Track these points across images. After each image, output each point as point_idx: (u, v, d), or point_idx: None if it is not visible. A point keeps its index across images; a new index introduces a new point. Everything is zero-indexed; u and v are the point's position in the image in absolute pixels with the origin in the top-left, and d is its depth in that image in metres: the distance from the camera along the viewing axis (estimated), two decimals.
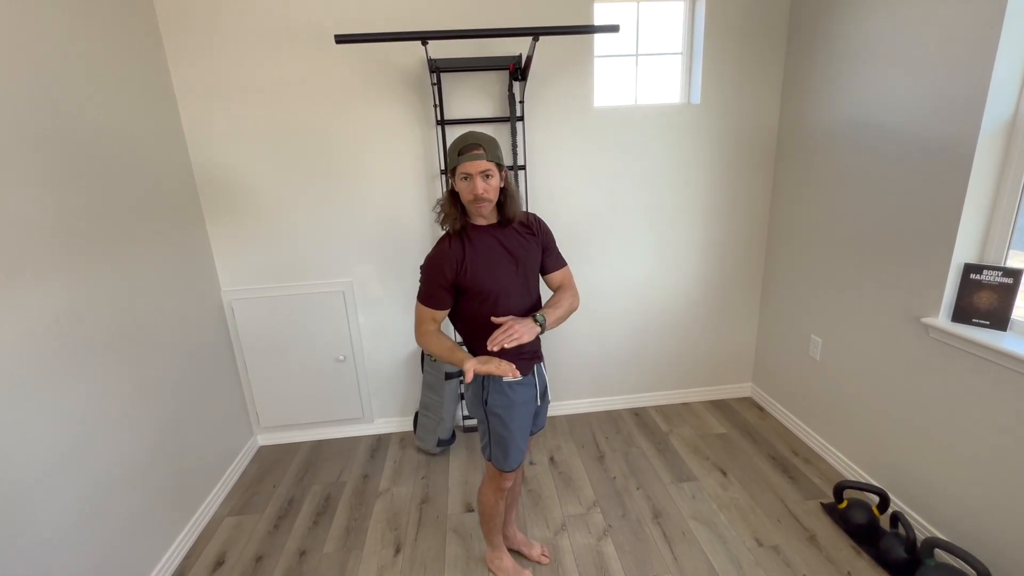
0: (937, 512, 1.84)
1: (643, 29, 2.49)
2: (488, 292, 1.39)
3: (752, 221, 2.73)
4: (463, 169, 1.29)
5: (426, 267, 1.41)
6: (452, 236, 1.39)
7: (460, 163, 1.29)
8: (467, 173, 1.29)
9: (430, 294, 1.39)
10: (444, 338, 1.40)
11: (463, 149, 1.29)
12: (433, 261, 1.38)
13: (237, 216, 2.40)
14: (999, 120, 1.58)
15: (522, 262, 1.44)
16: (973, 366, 1.67)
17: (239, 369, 2.58)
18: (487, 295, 1.39)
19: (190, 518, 2.07)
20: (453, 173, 1.33)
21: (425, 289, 1.40)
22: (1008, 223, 1.64)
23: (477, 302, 1.40)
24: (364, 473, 2.47)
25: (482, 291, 1.39)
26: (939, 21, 1.69)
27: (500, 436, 1.50)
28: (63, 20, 1.60)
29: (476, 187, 1.29)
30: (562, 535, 2.01)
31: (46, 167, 1.49)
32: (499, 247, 1.41)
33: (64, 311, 1.51)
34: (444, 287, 1.38)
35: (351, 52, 2.24)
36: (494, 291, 1.39)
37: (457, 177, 1.31)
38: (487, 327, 1.37)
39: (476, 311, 1.41)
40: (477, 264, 1.37)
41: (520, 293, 1.45)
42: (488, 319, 1.38)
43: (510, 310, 1.41)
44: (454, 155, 1.31)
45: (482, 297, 1.39)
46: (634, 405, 2.97)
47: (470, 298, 1.40)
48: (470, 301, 1.41)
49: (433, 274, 1.38)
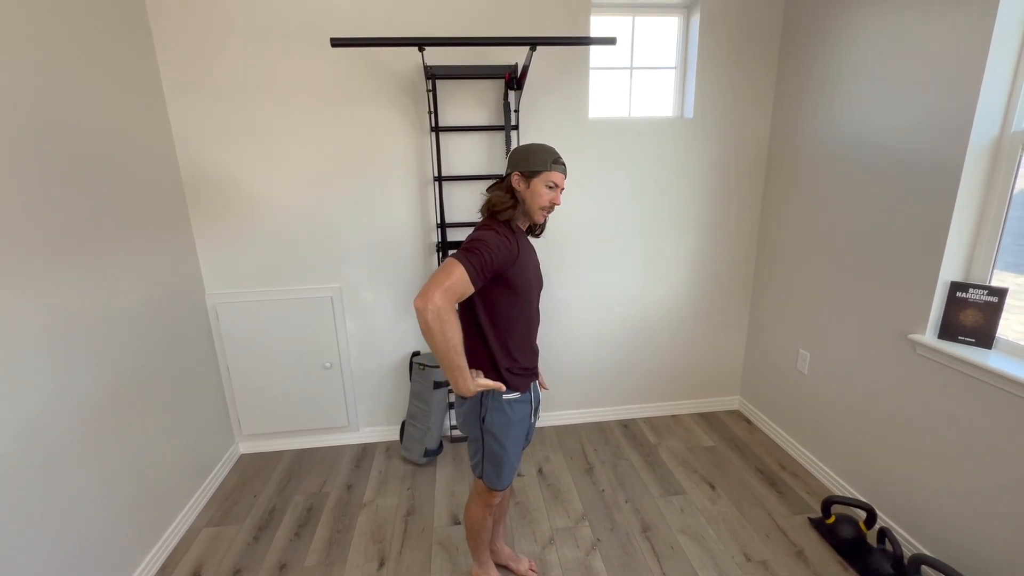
0: (924, 528, 1.85)
1: (638, 43, 2.52)
2: (525, 290, 1.40)
3: (742, 235, 2.75)
4: (553, 178, 1.36)
5: (491, 241, 1.28)
6: (506, 225, 1.38)
7: (554, 170, 1.36)
8: (555, 183, 1.37)
9: (484, 267, 1.25)
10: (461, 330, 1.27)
11: (557, 159, 1.37)
12: (500, 240, 1.29)
13: (224, 218, 2.35)
14: (986, 140, 1.62)
15: (539, 271, 1.52)
16: (959, 383, 1.69)
17: (222, 375, 2.52)
18: (523, 293, 1.40)
19: (166, 528, 2.00)
20: (532, 175, 1.36)
21: (482, 260, 1.24)
22: (993, 242, 1.67)
23: (512, 298, 1.38)
24: (348, 483, 2.41)
25: (521, 289, 1.39)
26: (928, 42, 1.72)
27: (494, 454, 1.47)
28: (48, 15, 1.56)
29: (557, 197, 1.39)
30: (550, 549, 1.98)
31: (25, 164, 1.44)
32: (532, 252, 1.47)
33: (39, 313, 1.46)
34: (495, 270, 1.29)
35: (346, 55, 2.22)
36: (528, 290, 1.42)
37: (542, 181, 1.36)
38: (513, 324, 1.41)
39: (507, 307, 1.39)
40: (524, 261, 1.38)
41: (539, 297, 1.52)
42: (517, 316, 1.41)
43: (532, 312, 1.47)
44: (546, 161, 1.35)
45: (519, 294, 1.39)
46: (623, 417, 2.96)
47: (507, 292, 1.37)
48: (505, 295, 1.37)
49: (496, 252, 1.27)
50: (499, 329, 1.40)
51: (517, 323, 1.42)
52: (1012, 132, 1.59)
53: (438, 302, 1.18)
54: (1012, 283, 1.65)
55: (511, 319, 1.41)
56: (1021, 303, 1.64)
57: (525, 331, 1.46)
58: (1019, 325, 1.64)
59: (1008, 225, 1.64)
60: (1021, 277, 1.63)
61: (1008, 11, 1.50)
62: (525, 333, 1.46)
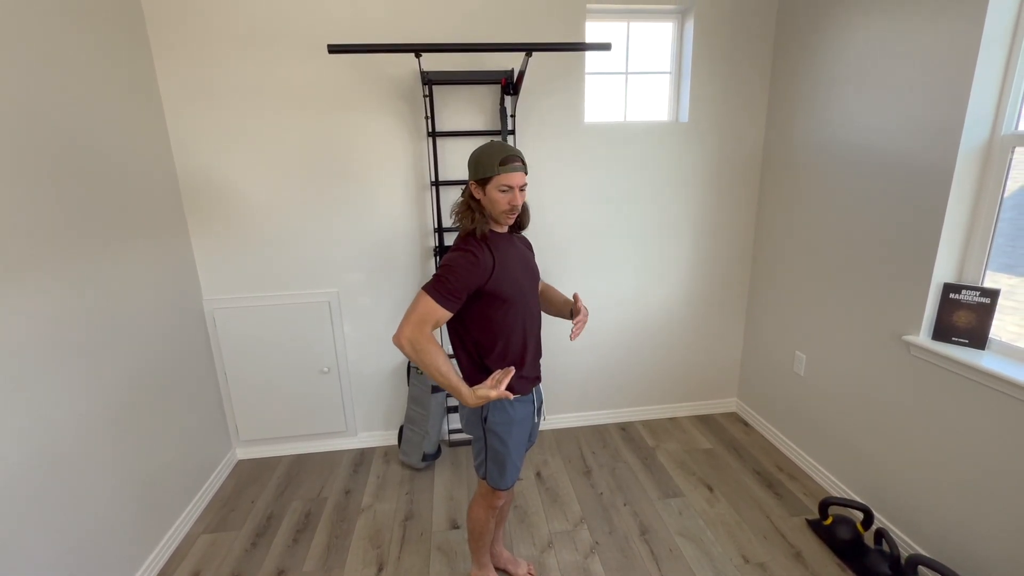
0: (920, 529, 1.86)
1: (633, 48, 2.54)
2: (511, 298, 1.38)
3: (737, 238, 2.77)
4: (505, 180, 1.29)
5: (456, 266, 1.29)
6: (480, 241, 1.34)
7: (502, 173, 1.29)
8: (508, 185, 1.30)
9: (452, 293, 1.28)
10: (443, 353, 1.29)
11: (504, 160, 1.29)
12: (466, 263, 1.30)
13: (222, 223, 2.36)
14: (976, 143, 1.64)
15: (530, 268, 1.51)
16: (953, 384, 1.70)
17: (219, 380, 2.51)
18: (512, 298, 1.39)
19: (163, 535, 1.99)
20: (486, 182, 1.31)
21: (448, 287, 1.27)
22: (985, 244, 1.69)
23: (498, 308, 1.37)
24: (346, 488, 2.41)
25: (507, 297, 1.37)
26: (918, 47, 1.75)
27: (497, 453, 1.48)
28: (45, 22, 1.57)
29: (516, 198, 1.32)
30: (549, 553, 1.98)
31: (21, 171, 1.44)
32: (517, 254, 1.45)
33: (37, 316, 1.46)
34: (468, 290, 1.31)
35: (343, 61, 2.23)
36: (516, 296, 1.40)
37: (494, 186, 1.31)
38: (504, 334, 1.40)
39: (495, 317, 1.38)
40: (504, 270, 1.36)
41: (534, 298, 1.51)
42: (508, 325, 1.40)
43: (528, 314, 1.46)
44: (492, 164, 1.29)
45: (508, 299, 1.38)
46: (621, 420, 2.97)
47: (491, 303, 1.36)
48: (489, 307, 1.37)
49: (463, 275, 1.29)
50: (483, 330, 1.40)
51: (514, 331, 1.42)
52: (1002, 135, 1.61)
53: (408, 334, 1.25)
54: (1005, 284, 1.66)
55: (506, 326, 1.40)
56: (1014, 304, 1.65)
57: (522, 337, 1.45)
58: (1013, 326, 1.65)
59: (1000, 227, 1.66)
60: (1014, 278, 1.65)
61: (996, 17, 1.53)
62: (523, 339, 1.45)
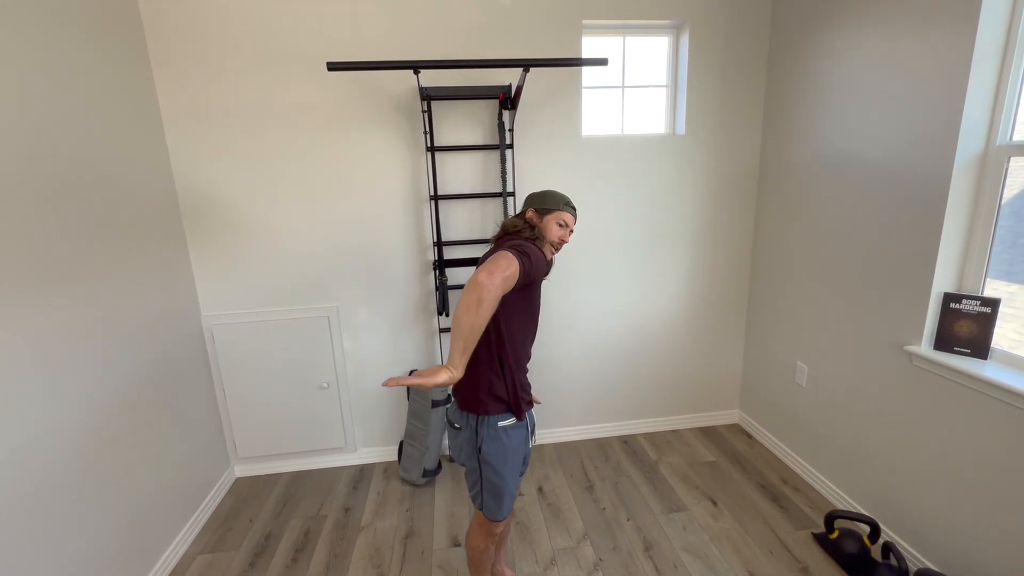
0: (928, 542, 1.84)
1: (629, 62, 2.57)
2: (536, 302, 1.47)
3: (736, 249, 2.77)
4: (565, 217, 1.49)
5: (531, 252, 1.30)
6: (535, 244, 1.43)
7: (565, 211, 1.49)
8: (565, 222, 1.49)
9: (527, 271, 1.24)
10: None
11: (569, 203, 1.51)
12: (537, 252, 1.33)
13: (220, 239, 2.36)
14: (972, 153, 1.65)
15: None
16: (956, 394, 1.69)
17: (217, 396, 2.49)
18: (535, 304, 1.47)
19: (160, 555, 1.96)
20: (546, 212, 1.48)
21: (527, 262, 1.25)
22: (984, 253, 1.69)
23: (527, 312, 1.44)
24: (346, 506, 2.37)
25: (533, 299, 1.45)
26: (912, 60, 1.77)
27: (493, 484, 1.45)
28: (46, 40, 1.58)
29: (566, 236, 1.51)
30: (552, 570, 1.95)
31: (21, 188, 1.44)
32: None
33: (35, 333, 1.45)
34: (531, 276, 1.29)
35: (342, 78, 2.25)
36: (538, 305, 1.49)
37: (553, 219, 1.48)
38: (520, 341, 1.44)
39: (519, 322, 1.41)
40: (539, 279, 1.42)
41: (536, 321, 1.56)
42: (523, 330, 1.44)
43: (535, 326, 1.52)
44: (559, 202, 1.49)
45: (532, 303, 1.45)
46: (623, 433, 2.94)
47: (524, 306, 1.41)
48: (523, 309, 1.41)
49: (533, 258, 1.29)
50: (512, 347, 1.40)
51: (524, 341, 1.46)
52: (997, 145, 1.62)
53: (498, 283, 1.15)
54: (1004, 291, 1.66)
55: (518, 333, 1.42)
56: (1013, 311, 1.65)
57: (528, 350, 1.49)
58: (1013, 333, 1.65)
59: (998, 235, 1.66)
60: (1013, 285, 1.65)
61: (988, 28, 1.55)
62: (527, 352, 1.49)
